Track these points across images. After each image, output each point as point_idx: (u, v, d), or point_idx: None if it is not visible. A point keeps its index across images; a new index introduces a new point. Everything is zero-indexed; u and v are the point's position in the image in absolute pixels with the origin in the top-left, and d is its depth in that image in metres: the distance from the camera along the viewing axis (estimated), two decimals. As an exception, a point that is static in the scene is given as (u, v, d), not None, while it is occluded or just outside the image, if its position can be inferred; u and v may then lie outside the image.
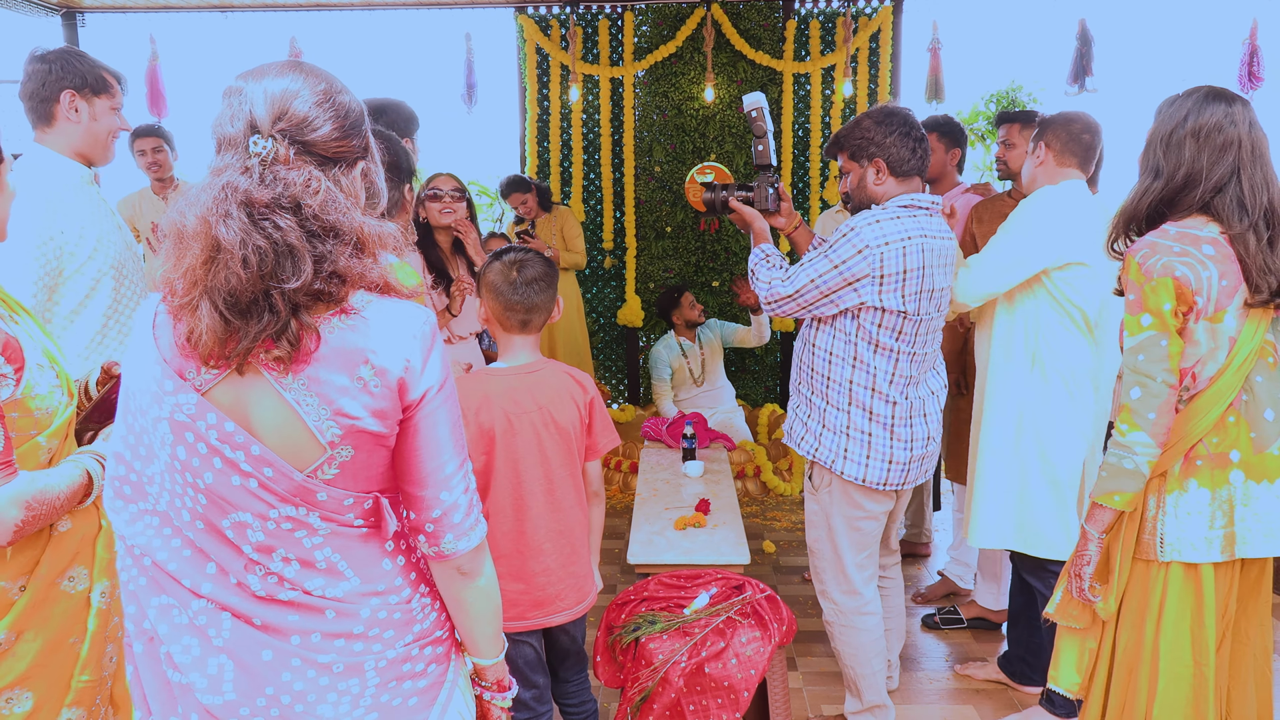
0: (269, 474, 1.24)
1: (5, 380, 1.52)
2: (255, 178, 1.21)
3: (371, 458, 1.30)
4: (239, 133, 1.24)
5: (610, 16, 6.42)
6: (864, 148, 2.67)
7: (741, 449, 5.54)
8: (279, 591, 1.28)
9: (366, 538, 1.33)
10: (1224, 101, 2.09)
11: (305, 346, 1.22)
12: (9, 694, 1.56)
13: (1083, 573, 2.17)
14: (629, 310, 6.63)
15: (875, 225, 2.57)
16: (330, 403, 1.24)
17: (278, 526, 1.27)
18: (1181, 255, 2.03)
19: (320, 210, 1.23)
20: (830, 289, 2.60)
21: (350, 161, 1.33)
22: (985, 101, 7.25)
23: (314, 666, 1.29)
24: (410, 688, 1.35)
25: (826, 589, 2.91)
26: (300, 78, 1.28)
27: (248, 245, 1.17)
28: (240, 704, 1.27)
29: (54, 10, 6.36)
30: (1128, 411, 2.06)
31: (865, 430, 2.70)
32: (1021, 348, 2.90)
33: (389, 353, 1.26)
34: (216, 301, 1.18)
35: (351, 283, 1.25)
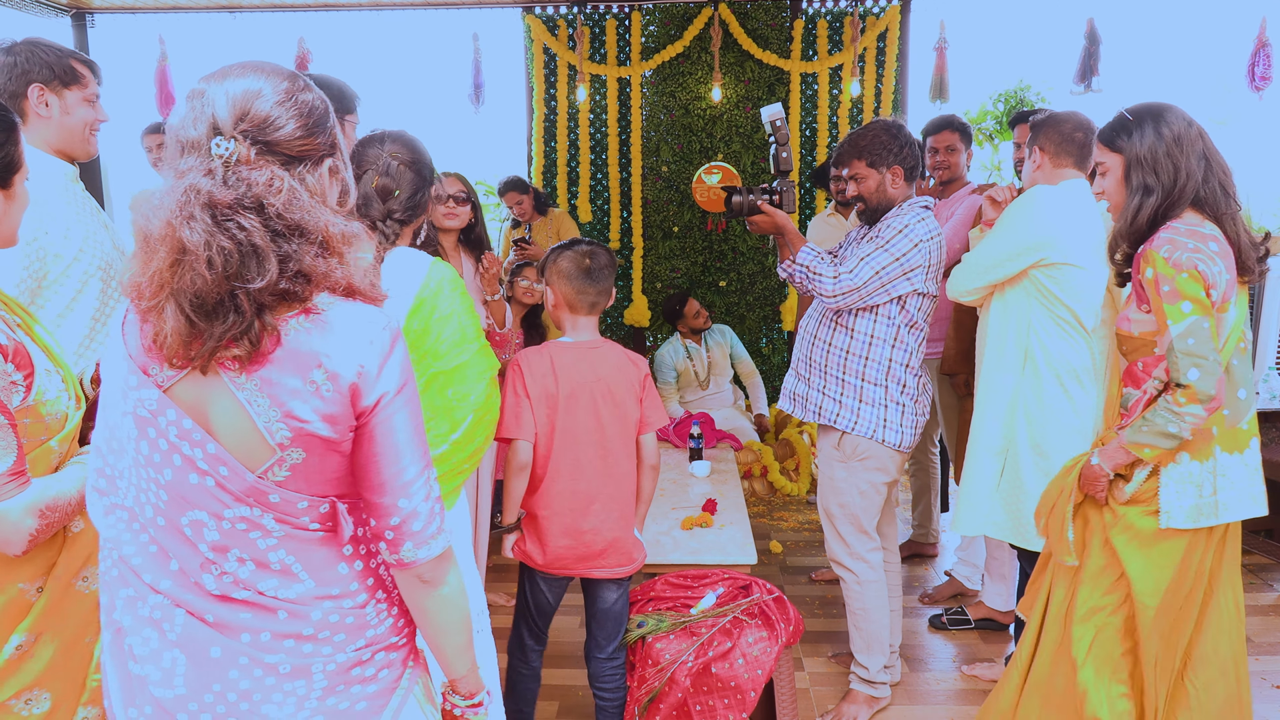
0: (224, 473, 1.24)
1: (16, 387, 1.52)
2: (218, 179, 1.21)
3: (324, 462, 1.29)
4: (202, 135, 1.24)
5: (617, 16, 6.42)
6: (883, 156, 2.98)
7: (748, 449, 5.54)
8: (234, 591, 1.28)
9: (323, 541, 1.32)
10: (1168, 109, 2.32)
11: (264, 347, 1.21)
12: (28, 695, 1.57)
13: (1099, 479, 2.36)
14: (635, 310, 6.63)
15: (922, 223, 2.93)
16: (281, 404, 1.23)
17: (232, 526, 1.26)
18: (1196, 251, 2.21)
19: (284, 209, 1.23)
20: (890, 279, 2.91)
21: (316, 159, 1.32)
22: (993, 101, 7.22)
23: (261, 666, 1.28)
24: (359, 692, 1.34)
25: (855, 550, 3.14)
26: (262, 78, 1.28)
27: (212, 247, 1.18)
28: (189, 699, 1.27)
29: (63, 11, 6.38)
30: (1191, 390, 2.21)
31: (899, 401, 3.02)
32: (1013, 344, 2.95)
33: (343, 357, 1.25)
34: (182, 304, 1.18)
35: (316, 283, 1.25)
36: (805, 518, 5.18)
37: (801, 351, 3.17)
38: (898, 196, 3.00)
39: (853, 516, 3.11)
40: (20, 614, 1.57)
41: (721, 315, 6.56)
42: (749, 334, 6.62)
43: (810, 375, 3.11)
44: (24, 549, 1.49)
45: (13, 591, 1.56)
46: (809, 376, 3.12)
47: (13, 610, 1.56)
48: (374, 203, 2.18)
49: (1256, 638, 3.69)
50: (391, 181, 2.18)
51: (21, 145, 1.64)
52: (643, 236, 6.64)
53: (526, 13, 6.44)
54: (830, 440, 3.11)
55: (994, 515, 2.97)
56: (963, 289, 3.01)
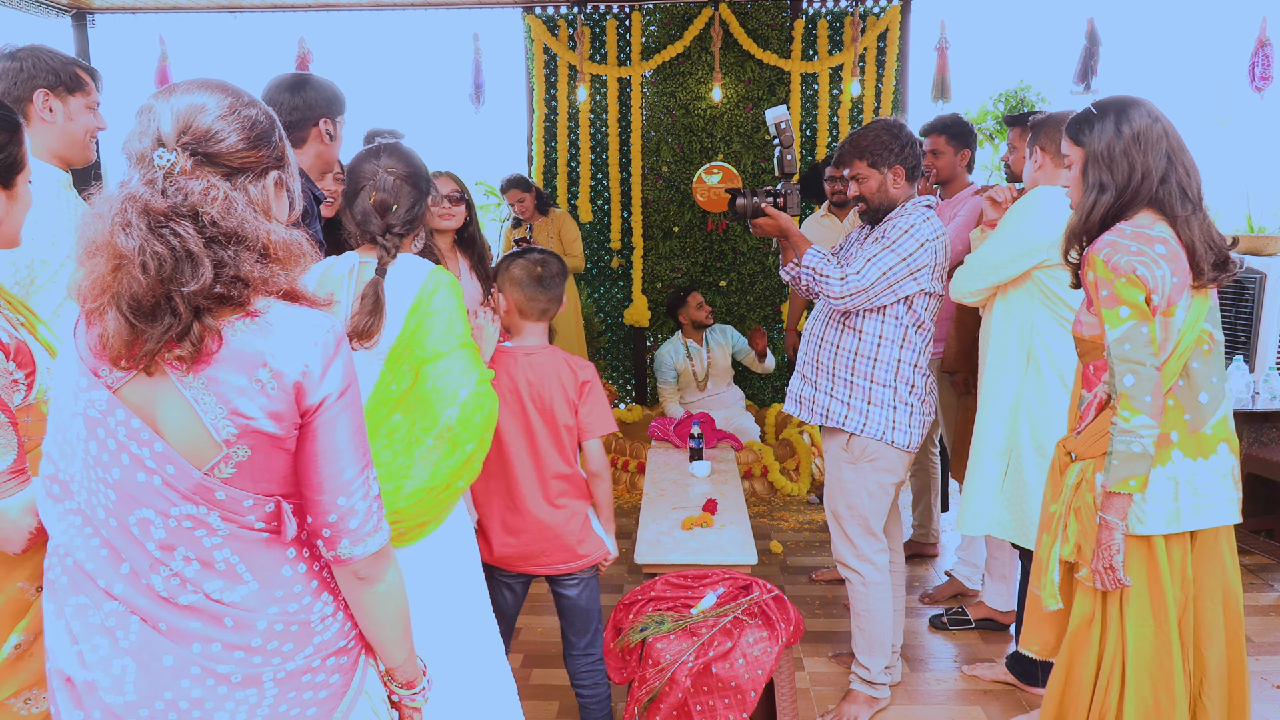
0: (171, 471, 1.28)
1: (18, 386, 1.52)
2: (157, 188, 1.27)
3: (270, 460, 1.32)
4: (146, 148, 1.30)
5: (618, 16, 6.42)
6: (885, 157, 2.98)
7: (749, 449, 5.54)
8: (180, 594, 1.31)
9: (268, 542, 1.35)
10: (1136, 104, 2.25)
11: (207, 347, 1.26)
12: (27, 694, 1.57)
13: (1114, 563, 2.24)
14: (635, 310, 6.63)
15: (927, 223, 2.93)
16: (227, 402, 1.27)
17: (179, 524, 1.30)
18: (1138, 255, 2.16)
19: (219, 218, 1.27)
20: (897, 279, 2.91)
21: (260, 171, 1.37)
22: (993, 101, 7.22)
23: (213, 675, 1.31)
24: (310, 698, 1.38)
25: (861, 551, 3.14)
26: (207, 93, 1.34)
27: (146, 252, 1.22)
28: (140, 705, 1.30)
29: (64, 11, 6.38)
30: (1126, 399, 2.16)
31: (907, 402, 3.02)
32: (1016, 344, 2.96)
33: (287, 357, 1.29)
34: (121, 306, 1.23)
35: (255, 287, 1.29)
36: (806, 518, 5.18)
37: (808, 355, 3.16)
38: (900, 196, 3.00)
39: (861, 518, 3.10)
40: (19, 613, 1.57)
41: (722, 315, 6.56)
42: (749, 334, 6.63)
43: (817, 378, 3.11)
44: (23, 547, 1.49)
45: (12, 591, 1.56)
46: (815, 379, 3.12)
47: (11, 609, 1.56)
48: (372, 218, 2.19)
49: (1256, 638, 3.69)
50: (389, 197, 2.20)
51: (25, 146, 1.64)
52: (643, 236, 6.64)
53: (527, 13, 6.44)
54: (838, 442, 3.11)
55: (998, 515, 2.98)
56: (965, 290, 3.01)
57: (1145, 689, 2.28)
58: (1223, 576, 2.33)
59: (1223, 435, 2.29)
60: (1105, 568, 2.26)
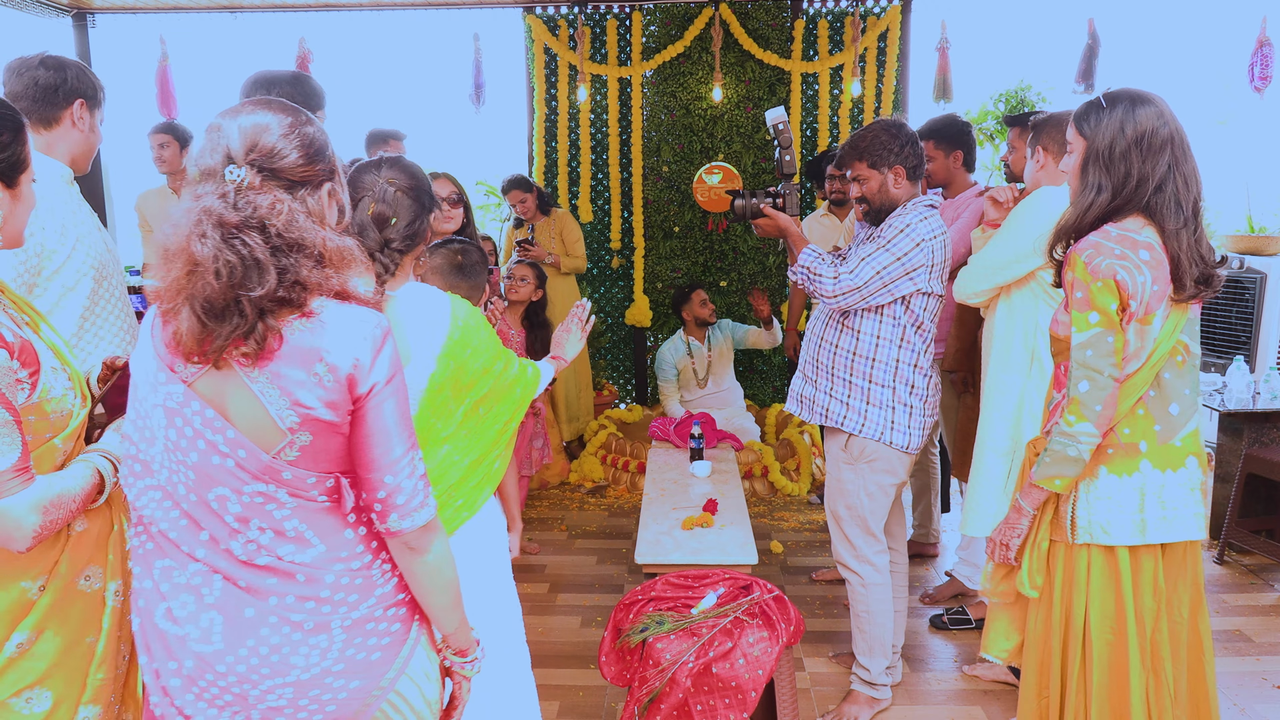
0: (242, 455, 1.43)
1: (21, 385, 1.52)
2: (229, 202, 1.41)
3: (328, 443, 1.48)
4: (217, 164, 1.44)
5: (618, 16, 6.42)
6: (884, 157, 2.97)
7: (749, 449, 5.54)
8: (257, 557, 1.47)
9: (330, 511, 1.51)
10: (1149, 103, 2.15)
11: (269, 345, 1.40)
12: (29, 694, 1.57)
13: (1010, 543, 2.31)
14: (637, 310, 6.63)
15: (925, 222, 2.92)
16: (289, 394, 1.42)
17: (251, 500, 1.45)
18: (1121, 259, 2.12)
19: (284, 229, 1.43)
20: (891, 279, 2.89)
21: (316, 184, 1.52)
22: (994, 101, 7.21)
23: (288, 624, 1.48)
24: (374, 644, 1.54)
25: (861, 552, 3.13)
26: (270, 114, 1.49)
27: (219, 260, 1.37)
28: (227, 652, 1.47)
29: (64, 11, 6.38)
30: (1076, 403, 2.16)
31: (907, 403, 3.01)
32: (1020, 345, 2.96)
33: (340, 352, 1.43)
34: (195, 306, 1.38)
35: (313, 290, 1.44)
36: (806, 518, 5.18)
37: (808, 354, 3.16)
38: (901, 196, 2.99)
39: (860, 519, 3.10)
40: (22, 613, 1.57)
41: (722, 315, 6.55)
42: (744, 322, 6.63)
43: (817, 378, 3.12)
44: (28, 546, 1.50)
45: (15, 590, 1.57)
46: (816, 379, 3.12)
47: (15, 609, 1.57)
48: (369, 231, 2.07)
49: (1257, 638, 3.69)
50: (388, 209, 2.09)
51: (28, 146, 1.64)
52: (644, 236, 6.64)
53: (527, 13, 6.44)
54: (838, 442, 3.11)
55: (1002, 515, 2.98)
56: (970, 291, 3.01)
57: (1105, 698, 2.27)
58: (1190, 592, 2.30)
59: (1192, 449, 2.26)
60: (1001, 543, 2.32)
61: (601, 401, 6.46)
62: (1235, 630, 3.75)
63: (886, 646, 3.16)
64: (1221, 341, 5.96)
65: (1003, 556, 2.32)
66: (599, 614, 3.98)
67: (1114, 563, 2.24)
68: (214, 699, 1.49)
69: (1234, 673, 3.42)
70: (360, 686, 1.52)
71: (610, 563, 4.57)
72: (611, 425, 6.11)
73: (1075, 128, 2.24)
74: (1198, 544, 2.32)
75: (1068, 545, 2.28)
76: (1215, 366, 5.84)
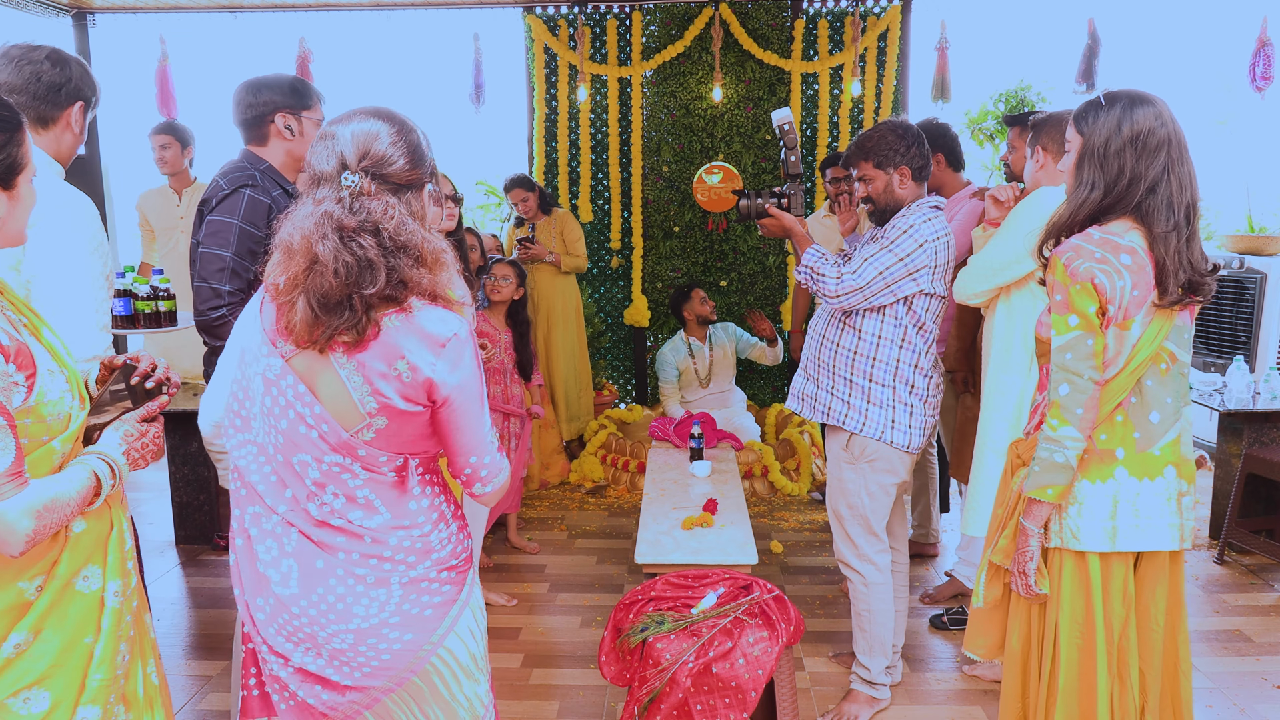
0: (325, 429, 1.60)
1: (17, 388, 1.51)
2: (346, 207, 1.57)
3: (403, 428, 1.63)
4: (333, 169, 1.60)
5: (618, 16, 6.42)
6: (890, 157, 2.98)
7: (749, 449, 5.54)
8: (330, 518, 1.65)
9: (396, 484, 1.68)
10: (1148, 103, 2.13)
11: (367, 336, 1.56)
12: (27, 694, 1.57)
13: (1027, 569, 2.25)
14: (635, 310, 6.63)
15: (928, 223, 2.93)
16: (370, 383, 1.58)
17: (329, 468, 1.63)
18: (1101, 262, 2.09)
19: (395, 232, 1.57)
20: (894, 279, 2.90)
21: (419, 187, 1.69)
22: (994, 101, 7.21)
23: (353, 577, 1.65)
24: (428, 601, 1.70)
25: (863, 552, 3.13)
26: (379, 122, 1.63)
27: (339, 260, 1.53)
28: (300, 597, 1.65)
29: (64, 11, 6.38)
30: (1057, 407, 2.14)
31: (907, 403, 3.02)
32: (1020, 345, 2.96)
33: (420, 355, 1.58)
34: (311, 300, 1.54)
35: (411, 288, 1.58)
36: (806, 518, 5.18)
37: (810, 351, 3.17)
38: (906, 197, 3.00)
39: (862, 518, 3.11)
40: (19, 614, 1.57)
41: (723, 315, 6.55)
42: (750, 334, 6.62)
43: (819, 375, 3.12)
44: (21, 550, 1.49)
45: (12, 591, 1.56)
46: (818, 377, 3.13)
47: (12, 610, 1.56)
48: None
49: (1257, 638, 3.69)
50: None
51: (26, 145, 1.63)
52: (643, 236, 6.64)
53: (527, 13, 6.44)
54: (839, 441, 3.12)
55: None
56: (970, 292, 3.00)
57: (1073, 702, 2.26)
58: (1168, 602, 2.27)
59: (1172, 458, 2.21)
60: (1019, 572, 2.26)
61: (601, 401, 6.46)
62: (1235, 630, 3.75)
63: (887, 646, 3.16)
64: (1221, 341, 5.96)
65: (1024, 587, 2.27)
66: (599, 614, 3.98)
67: (1084, 569, 2.22)
68: (290, 635, 1.67)
69: (1234, 673, 3.42)
70: (413, 639, 1.68)
71: (610, 563, 4.57)
72: (611, 425, 6.11)
73: (1074, 126, 2.23)
74: (1179, 554, 2.28)
75: (1043, 549, 2.27)
76: (1215, 366, 5.85)
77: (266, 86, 2.71)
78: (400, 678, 1.67)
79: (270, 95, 2.68)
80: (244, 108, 2.69)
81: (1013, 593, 2.36)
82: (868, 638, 3.17)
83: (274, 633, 1.69)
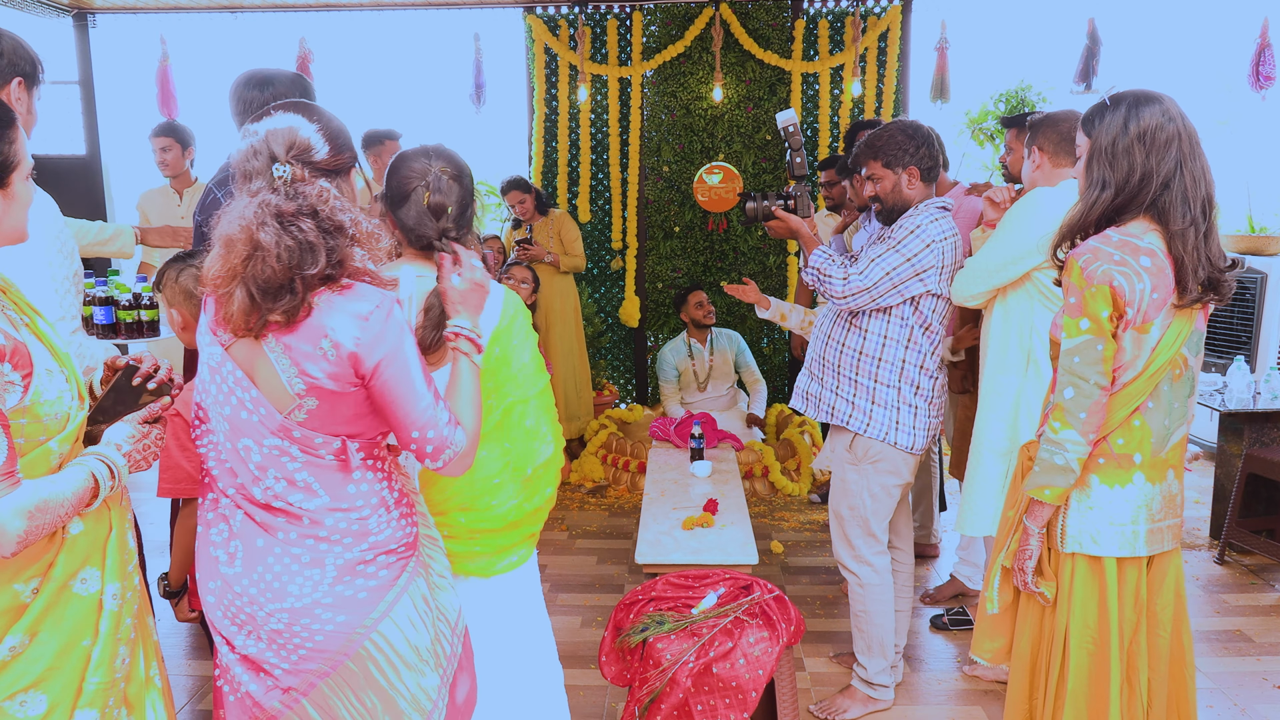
0: (262, 412, 1.66)
1: (13, 387, 1.50)
2: (283, 194, 1.63)
3: (336, 409, 1.68)
4: (263, 164, 1.66)
5: (618, 16, 6.42)
6: (899, 157, 2.97)
7: (749, 449, 5.54)
8: (273, 500, 1.70)
9: (335, 468, 1.72)
10: (1154, 101, 2.11)
11: (298, 318, 1.61)
12: (23, 697, 1.55)
13: (1025, 567, 2.26)
14: (626, 310, 6.63)
15: (935, 224, 2.92)
16: (298, 364, 1.63)
17: (270, 452, 1.68)
18: (1120, 265, 2.07)
19: (331, 213, 1.63)
20: (901, 280, 2.90)
21: (345, 171, 1.77)
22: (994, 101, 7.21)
23: (289, 555, 1.70)
24: (362, 584, 1.73)
25: (860, 553, 3.13)
26: (297, 115, 1.72)
27: (280, 244, 1.58)
28: (243, 575, 1.72)
29: (65, 11, 6.39)
30: (1060, 410, 2.14)
31: (912, 403, 3.02)
32: (1016, 346, 2.96)
33: (344, 332, 1.62)
34: (250, 288, 1.59)
35: (348, 267, 1.64)
36: (806, 518, 5.18)
37: (815, 351, 3.17)
38: (914, 197, 3.00)
39: (862, 520, 3.10)
40: (15, 616, 1.55)
41: (723, 315, 6.55)
42: (750, 334, 6.62)
43: (824, 375, 3.12)
44: (13, 550, 1.47)
45: (7, 593, 1.54)
46: (822, 376, 3.13)
47: (8, 612, 1.54)
48: (427, 221, 2.05)
49: (1258, 638, 3.69)
50: (444, 198, 2.06)
51: (19, 143, 1.61)
52: (642, 236, 6.64)
53: (528, 13, 6.44)
54: (843, 442, 3.12)
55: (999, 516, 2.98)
56: (968, 293, 3.00)
57: (1081, 707, 2.25)
58: (1173, 602, 2.28)
59: (1173, 461, 2.23)
60: (1018, 569, 2.27)
61: (601, 401, 6.46)
62: (1236, 630, 3.75)
63: (887, 646, 3.16)
64: (1222, 341, 5.96)
65: (1022, 583, 2.28)
66: (599, 614, 3.98)
67: (1099, 573, 2.21)
68: (234, 617, 1.73)
69: (1234, 673, 3.42)
70: (346, 621, 1.71)
71: (610, 563, 4.57)
72: (612, 425, 6.11)
73: (1083, 130, 2.21)
74: (1178, 553, 2.30)
75: (1055, 553, 2.26)
76: (1215, 366, 5.84)
77: (272, 81, 2.70)
78: (334, 661, 1.70)
79: (279, 91, 2.67)
80: (247, 103, 2.66)
81: (1022, 595, 2.36)
82: (865, 638, 3.16)
83: (220, 615, 1.75)
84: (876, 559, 3.13)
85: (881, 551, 3.14)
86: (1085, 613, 2.23)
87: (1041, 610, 2.33)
